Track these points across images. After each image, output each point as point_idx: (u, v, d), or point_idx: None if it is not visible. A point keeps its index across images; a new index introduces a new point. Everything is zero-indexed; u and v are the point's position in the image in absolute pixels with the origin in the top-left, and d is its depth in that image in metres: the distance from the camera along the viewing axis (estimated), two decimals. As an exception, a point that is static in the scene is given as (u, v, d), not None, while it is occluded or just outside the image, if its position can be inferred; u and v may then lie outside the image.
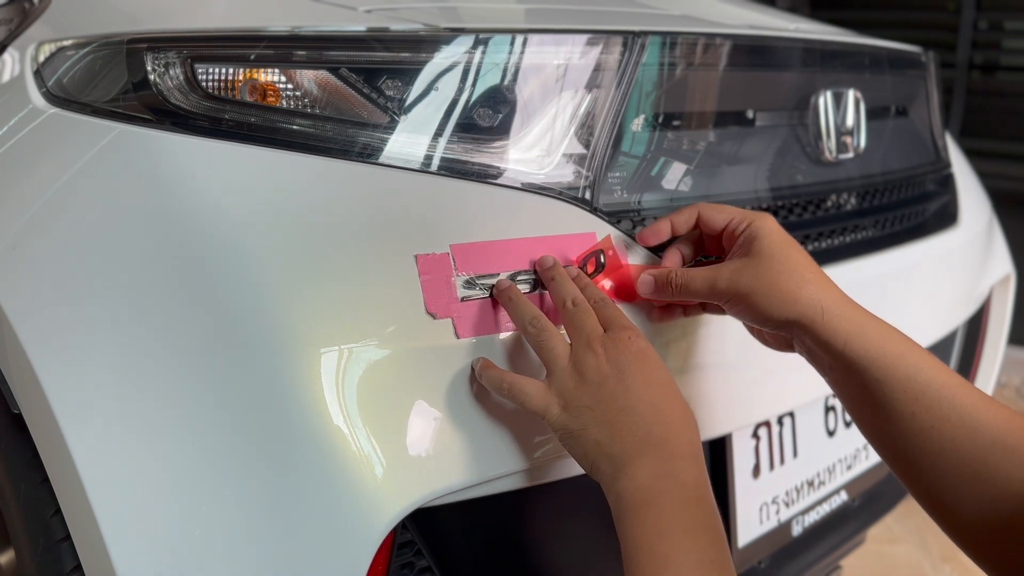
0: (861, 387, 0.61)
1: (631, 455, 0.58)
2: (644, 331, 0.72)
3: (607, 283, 0.71)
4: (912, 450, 0.59)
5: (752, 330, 0.72)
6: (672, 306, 0.73)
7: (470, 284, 0.65)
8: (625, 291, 0.72)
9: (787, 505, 0.95)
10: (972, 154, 1.60)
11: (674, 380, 0.62)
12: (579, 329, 0.62)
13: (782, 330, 0.66)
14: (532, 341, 0.63)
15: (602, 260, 0.70)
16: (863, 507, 1.09)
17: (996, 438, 0.56)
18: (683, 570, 0.53)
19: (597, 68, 0.74)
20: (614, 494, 0.58)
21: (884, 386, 0.60)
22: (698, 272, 0.67)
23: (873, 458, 1.08)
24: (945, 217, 1.14)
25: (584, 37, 0.74)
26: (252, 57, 0.67)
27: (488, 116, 0.70)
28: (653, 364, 0.61)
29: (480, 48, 0.69)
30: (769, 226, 0.67)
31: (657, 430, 0.58)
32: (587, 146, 0.74)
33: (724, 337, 0.75)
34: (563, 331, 0.64)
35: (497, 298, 0.65)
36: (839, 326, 0.62)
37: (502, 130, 0.70)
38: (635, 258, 0.73)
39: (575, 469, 0.71)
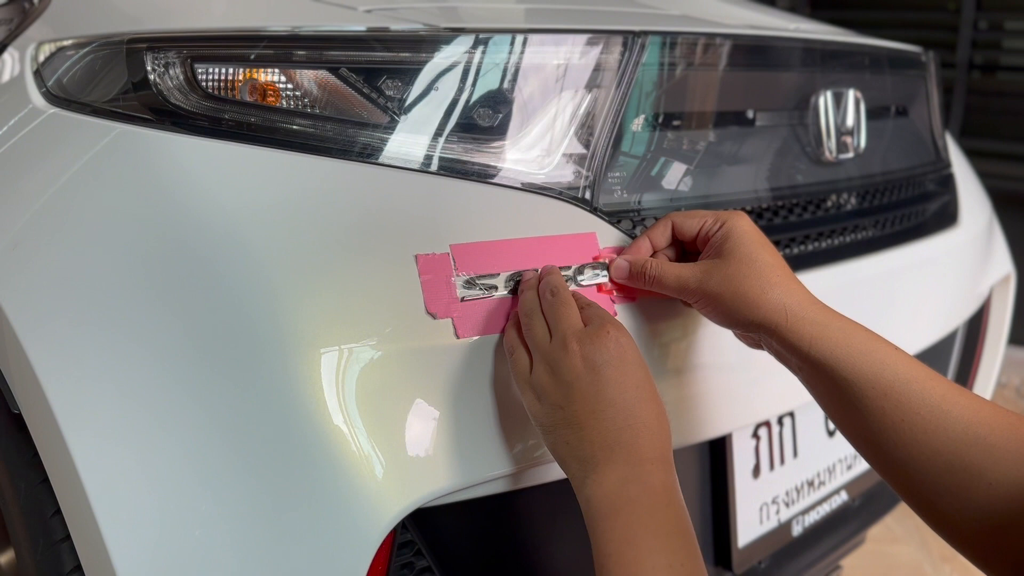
0: (830, 386, 0.62)
1: (599, 459, 0.57)
2: (644, 332, 0.72)
3: (606, 280, 0.71)
4: (887, 445, 0.59)
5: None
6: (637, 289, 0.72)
7: (470, 284, 0.65)
8: (626, 291, 0.72)
9: (787, 505, 0.95)
10: (972, 154, 1.60)
11: (652, 379, 0.61)
12: (557, 321, 0.62)
13: (748, 332, 0.66)
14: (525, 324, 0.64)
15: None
16: (863, 507, 1.09)
17: (966, 428, 0.56)
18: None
19: (597, 68, 0.74)
20: (583, 498, 0.58)
21: (853, 385, 0.60)
22: (671, 268, 0.67)
23: (873, 458, 1.08)
24: (945, 217, 1.14)
25: (584, 37, 0.74)
26: (252, 57, 0.67)
27: (488, 116, 0.70)
28: (630, 363, 0.60)
29: (480, 48, 0.69)
30: (741, 226, 0.66)
31: (627, 434, 0.58)
32: (587, 146, 0.74)
33: (724, 337, 0.75)
34: None
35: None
36: (803, 329, 0.62)
37: (502, 130, 0.70)
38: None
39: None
